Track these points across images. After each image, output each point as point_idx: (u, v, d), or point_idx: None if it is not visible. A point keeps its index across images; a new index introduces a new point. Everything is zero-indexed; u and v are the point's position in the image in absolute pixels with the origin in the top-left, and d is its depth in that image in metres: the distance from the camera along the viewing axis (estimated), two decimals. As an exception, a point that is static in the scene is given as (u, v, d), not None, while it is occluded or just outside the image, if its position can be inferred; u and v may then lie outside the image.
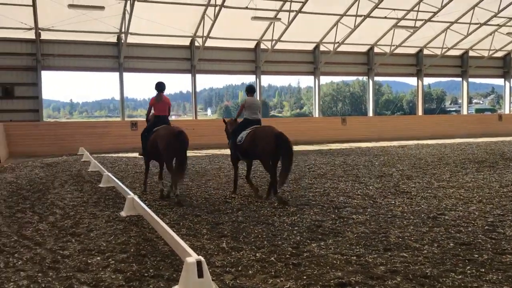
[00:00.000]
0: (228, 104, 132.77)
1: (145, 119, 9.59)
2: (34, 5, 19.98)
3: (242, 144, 8.24)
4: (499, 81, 34.03)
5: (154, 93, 9.00)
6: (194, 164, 14.37)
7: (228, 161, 14.80)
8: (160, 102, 8.80)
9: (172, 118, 19.97)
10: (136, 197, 7.17)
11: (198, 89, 26.39)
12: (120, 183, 8.88)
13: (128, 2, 20.46)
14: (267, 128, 8.26)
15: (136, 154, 18.44)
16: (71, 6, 19.05)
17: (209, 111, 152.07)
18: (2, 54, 21.92)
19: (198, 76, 25.63)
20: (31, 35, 21.91)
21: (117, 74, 24.07)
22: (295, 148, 8.46)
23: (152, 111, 9.00)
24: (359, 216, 6.76)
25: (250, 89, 9.03)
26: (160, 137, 8.06)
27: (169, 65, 25.01)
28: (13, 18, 20.42)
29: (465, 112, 33.31)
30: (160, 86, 8.86)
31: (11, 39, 21.93)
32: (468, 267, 4.56)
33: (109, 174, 10.03)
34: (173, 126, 8.41)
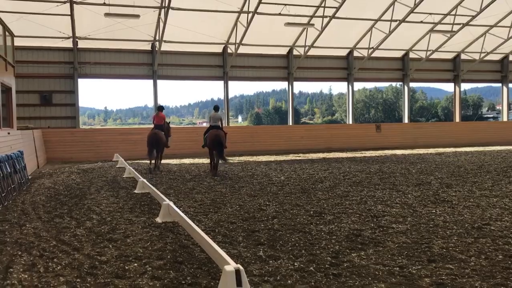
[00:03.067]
0: (259, 111, 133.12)
1: (166, 126, 14.83)
2: (72, 15, 20.54)
3: (206, 140, 13.36)
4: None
5: (185, 100, 9.30)
6: (227, 171, 14.38)
7: (260, 168, 14.94)
8: (157, 116, 14.75)
9: (204, 124, 19.92)
10: (171, 203, 7.18)
11: (229, 96, 26.51)
12: (155, 189, 8.94)
13: (163, 10, 20.78)
14: (213, 132, 13.14)
15: (169, 161, 18.70)
16: (107, 15, 19.48)
17: (240, 118, 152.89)
18: (41, 63, 22.62)
19: (230, 83, 25.74)
20: (68, 43, 22.52)
21: (151, 81, 24.44)
22: (329, 155, 8.31)
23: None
24: (399, 226, 6.56)
25: (215, 108, 13.84)
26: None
27: (202, 72, 25.23)
28: (51, 27, 21.05)
29: (505, 118, 32.29)
30: (159, 108, 15.00)
31: (50, 48, 22.60)
32: (520, 282, 4.33)
33: (144, 180, 10.12)
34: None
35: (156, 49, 23.41)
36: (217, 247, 4.67)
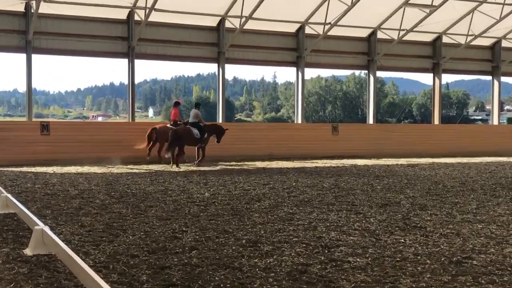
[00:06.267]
0: (180, 102, 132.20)
1: None
2: None
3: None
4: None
5: (73, 85, 9.16)
6: (130, 184, 14.19)
7: (177, 181, 14.96)
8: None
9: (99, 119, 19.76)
10: (47, 228, 6.98)
11: (136, 80, 26.41)
12: (24, 208, 8.64)
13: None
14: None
15: (46, 169, 18.16)
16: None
17: (150, 112, 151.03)
18: None
19: (137, 62, 25.53)
20: None
21: (23, 56, 23.55)
22: (270, 164, 8.37)
23: None
24: (358, 259, 6.76)
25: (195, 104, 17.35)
26: None
27: (98, 46, 24.67)
28: None
29: (495, 121, 33.87)
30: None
31: None
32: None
33: (8, 195, 9.79)
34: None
35: (33, 10, 22.68)
36: (110, 290, 4.60)
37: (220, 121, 27.24)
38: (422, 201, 11.47)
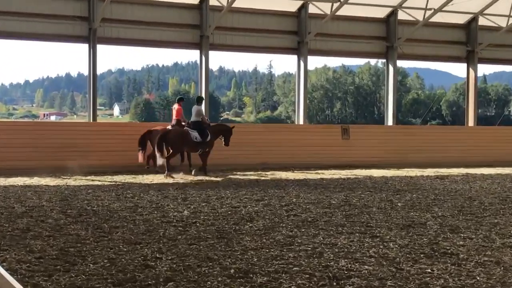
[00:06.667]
0: (150, 98, 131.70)
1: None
2: None
3: None
4: None
5: (20, 76, 9.12)
6: (90, 200, 14.15)
7: (149, 196, 15.00)
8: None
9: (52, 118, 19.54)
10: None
11: (98, 71, 26.30)
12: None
13: None
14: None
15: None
16: None
17: (116, 109, 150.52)
18: None
19: (100, 47, 25.54)
20: None
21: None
22: (265, 175, 8.32)
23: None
24: (374, 294, 6.76)
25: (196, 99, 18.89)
26: None
27: (51, 28, 24.65)
28: None
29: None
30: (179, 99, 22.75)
31: None
32: None
33: None
34: None
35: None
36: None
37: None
38: (454, 222, 11.47)
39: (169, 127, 21.33)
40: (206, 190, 16.24)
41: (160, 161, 19.83)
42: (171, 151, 19.99)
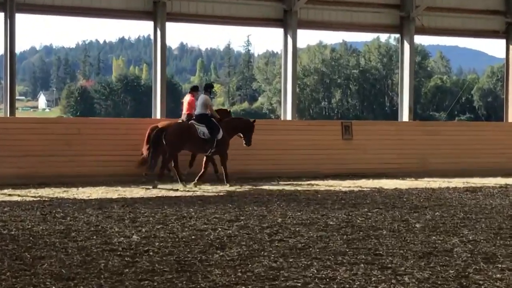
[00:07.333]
0: (87, 85, 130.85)
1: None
2: None
3: None
4: None
5: None
6: (7, 221, 14.08)
7: (85, 215, 15.00)
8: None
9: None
10: None
11: (16, 48, 26.08)
12: None
13: None
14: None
15: None
16: None
17: (41, 100, 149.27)
18: None
19: (19, 16, 25.41)
20: None
21: None
22: (241, 188, 8.29)
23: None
24: None
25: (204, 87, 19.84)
26: None
27: None
28: None
29: None
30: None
31: None
32: None
33: None
34: None
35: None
36: None
37: (158, 116, 27.21)
38: (489, 248, 11.50)
39: (180, 120, 21.96)
40: (162, 207, 16.21)
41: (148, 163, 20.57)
42: (168, 153, 20.40)
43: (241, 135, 21.90)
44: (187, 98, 23.03)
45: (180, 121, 22.16)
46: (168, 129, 20.58)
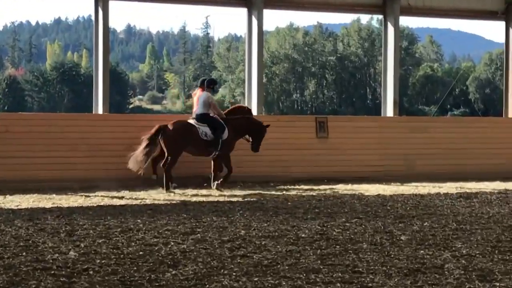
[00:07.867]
0: (17, 74, 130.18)
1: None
2: None
3: None
4: None
5: None
6: None
7: (14, 228, 15.00)
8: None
9: None
10: None
11: None
12: None
13: None
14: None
15: None
16: None
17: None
18: None
19: None
20: None
21: None
22: (199, 193, 8.31)
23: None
24: None
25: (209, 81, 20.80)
26: None
27: None
28: None
29: None
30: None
31: None
32: None
33: None
34: None
35: None
36: None
37: (100, 111, 27.11)
38: (485, 264, 11.57)
39: (190, 120, 22.03)
40: (105, 218, 16.18)
41: (138, 161, 20.96)
42: (168, 156, 20.69)
43: (248, 138, 21.92)
44: (196, 93, 23.09)
45: (191, 119, 22.21)
46: (166, 128, 20.80)
